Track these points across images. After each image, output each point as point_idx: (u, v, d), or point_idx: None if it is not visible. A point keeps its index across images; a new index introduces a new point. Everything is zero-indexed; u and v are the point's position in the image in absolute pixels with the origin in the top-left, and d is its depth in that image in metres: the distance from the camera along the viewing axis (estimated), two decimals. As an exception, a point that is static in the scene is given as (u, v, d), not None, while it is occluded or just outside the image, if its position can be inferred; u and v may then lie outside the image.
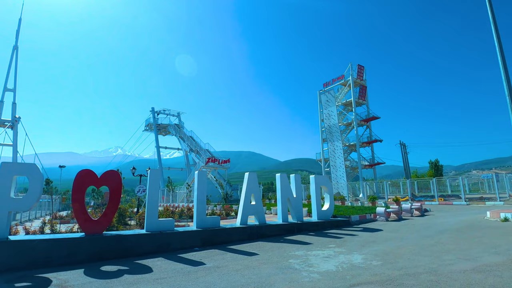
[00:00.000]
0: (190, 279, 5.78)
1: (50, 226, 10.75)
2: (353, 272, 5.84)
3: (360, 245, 8.80)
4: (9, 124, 29.61)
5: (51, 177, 32.23)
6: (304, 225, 11.75)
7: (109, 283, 5.53)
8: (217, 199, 28.33)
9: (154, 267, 6.74)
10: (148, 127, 48.80)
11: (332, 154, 42.09)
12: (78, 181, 7.89)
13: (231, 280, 5.57)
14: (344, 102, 43.53)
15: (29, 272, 6.42)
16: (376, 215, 15.07)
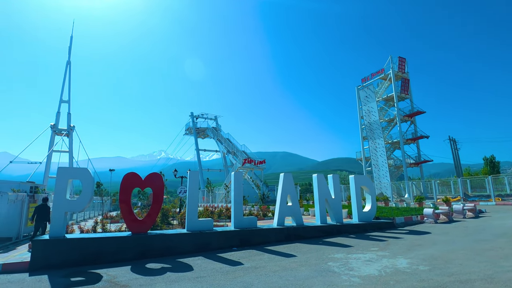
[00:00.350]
0: (228, 278, 5.88)
1: (101, 226, 11.66)
2: (397, 277, 5.50)
3: (405, 248, 8.28)
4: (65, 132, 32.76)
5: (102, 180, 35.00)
6: (344, 227, 11.35)
7: (153, 280, 5.84)
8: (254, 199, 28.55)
9: (194, 266, 6.97)
10: (188, 131, 50.83)
11: (374, 153, 40.15)
12: (125, 183, 8.45)
13: (268, 281, 5.55)
14: (385, 97, 41.36)
15: (82, 268, 7.01)
16: (424, 217, 14.06)
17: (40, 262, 6.97)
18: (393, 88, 38.92)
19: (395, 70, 39.23)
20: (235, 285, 5.38)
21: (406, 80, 39.73)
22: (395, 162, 41.31)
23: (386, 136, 41.15)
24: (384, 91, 41.53)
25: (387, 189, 36.56)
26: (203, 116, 50.58)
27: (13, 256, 8.06)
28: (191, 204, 9.23)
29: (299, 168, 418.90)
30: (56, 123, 32.57)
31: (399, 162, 40.48)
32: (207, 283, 5.60)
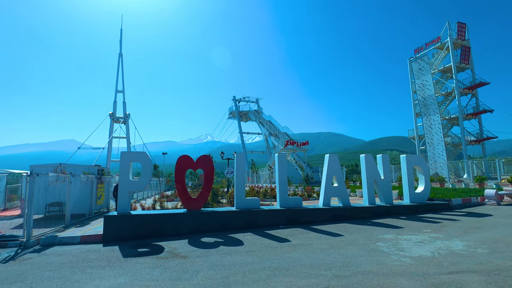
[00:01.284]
0: (276, 253, 6.19)
1: (159, 203, 12.83)
2: (452, 259, 5.31)
3: (462, 231, 7.83)
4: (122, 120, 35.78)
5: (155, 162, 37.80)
6: (394, 208, 11.00)
7: (208, 252, 6.39)
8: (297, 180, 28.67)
9: (244, 241, 7.43)
10: (231, 115, 52.00)
11: (428, 130, 37.27)
12: (179, 165, 9.14)
13: (316, 258, 5.74)
14: (441, 69, 37.62)
15: (146, 240, 7.88)
16: (484, 198, 12.96)
17: (111, 235, 7.99)
18: (451, 58, 35.15)
19: (453, 38, 35.27)
20: (283, 260, 5.66)
21: (467, 49, 35.55)
22: (453, 140, 37.97)
23: (442, 111, 37.78)
24: (440, 61, 37.74)
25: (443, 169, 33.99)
26: (245, 99, 51.13)
27: (89, 229, 9.32)
28: (238, 184, 9.69)
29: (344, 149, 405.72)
30: (113, 112, 35.67)
31: (457, 140, 37.12)
32: (257, 256, 5.97)
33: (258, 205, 9.76)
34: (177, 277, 4.87)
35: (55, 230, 9.15)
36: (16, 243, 7.70)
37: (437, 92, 37.71)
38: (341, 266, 5.20)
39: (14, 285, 4.69)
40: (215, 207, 12.91)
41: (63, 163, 13.06)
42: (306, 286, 4.24)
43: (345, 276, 4.63)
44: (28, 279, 4.98)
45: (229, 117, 52.94)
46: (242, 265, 5.39)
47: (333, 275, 4.70)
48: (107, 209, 14.96)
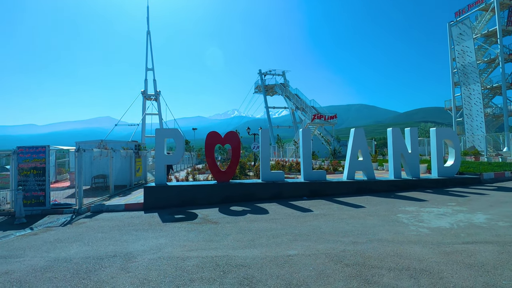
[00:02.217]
0: (299, 221, 6.70)
1: (192, 176, 13.79)
2: (470, 231, 5.48)
3: (488, 205, 7.81)
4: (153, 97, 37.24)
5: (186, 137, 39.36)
6: (421, 182, 10.99)
7: (236, 219, 7.05)
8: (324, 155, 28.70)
9: (269, 210, 8.02)
10: (257, 89, 51.78)
11: (467, 101, 34.95)
12: (208, 140, 9.76)
13: (335, 227, 6.17)
14: (485, 33, 34.36)
15: (181, 208, 8.73)
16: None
17: (150, 204, 8.93)
18: (497, 20, 31.88)
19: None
20: (304, 227, 6.16)
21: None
22: (494, 111, 35.41)
23: (484, 80, 35.02)
24: (484, 25, 34.42)
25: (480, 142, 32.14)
26: (271, 72, 50.42)
27: (131, 198, 10.42)
28: (263, 158, 10.18)
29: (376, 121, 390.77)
30: (145, 90, 37.14)
31: (499, 111, 34.58)
32: (280, 223, 6.52)
33: (283, 177, 10.24)
34: (209, 239, 5.55)
35: (102, 199, 10.34)
36: (70, 210, 8.91)
37: (478, 59, 34.80)
38: (358, 234, 5.58)
39: (75, 244, 5.63)
40: (242, 179, 13.63)
41: (104, 140, 14.28)
42: (324, 250, 4.71)
43: (361, 243, 5.03)
44: (85, 239, 5.92)
45: (255, 91, 52.85)
46: (267, 231, 5.96)
47: (349, 241, 5.11)
48: (145, 181, 16.30)
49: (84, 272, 4.18)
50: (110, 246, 5.38)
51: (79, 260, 4.66)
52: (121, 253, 4.94)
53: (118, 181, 13.61)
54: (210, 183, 9.66)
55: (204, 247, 5.07)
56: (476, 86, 33.55)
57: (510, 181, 12.00)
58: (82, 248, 5.31)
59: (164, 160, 9.56)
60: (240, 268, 4.06)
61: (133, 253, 4.90)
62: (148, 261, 4.48)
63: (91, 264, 4.48)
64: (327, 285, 3.46)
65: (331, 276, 3.70)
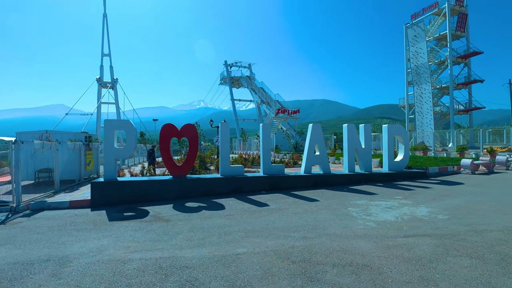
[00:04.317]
0: (254, 217, 6.63)
1: (148, 170, 13.16)
2: (412, 224, 5.79)
3: (431, 198, 8.38)
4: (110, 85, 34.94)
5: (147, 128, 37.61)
6: (372, 176, 11.53)
7: (190, 216, 6.80)
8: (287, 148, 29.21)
9: (226, 205, 7.87)
10: (223, 81, 51.04)
11: (419, 99, 37.49)
12: (163, 133, 9.29)
13: (288, 221, 6.19)
14: (437, 36, 36.93)
15: (133, 205, 8.25)
16: (460, 167, 13.60)
17: (98, 200, 8.32)
18: (448, 25, 34.43)
19: (451, 4, 34.23)
20: (258, 223, 6.10)
21: (464, 16, 34.70)
22: (442, 109, 38.46)
23: (434, 80, 37.76)
24: (436, 29, 36.96)
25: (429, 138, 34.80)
26: (237, 64, 49.90)
27: (77, 195, 9.65)
28: (223, 152, 9.97)
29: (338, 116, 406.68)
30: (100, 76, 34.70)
31: (446, 109, 37.63)
32: (235, 219, 6.40)
33: (242, 172, 10.14)
34: (157, 238, 5.26)
35: (45, 195, 9.45)
36: (6, 208, 8.00)
37: (430, 60, 37.36)
38: (309, 228, 5.65)
39: (3, 247, 5.02)
40: (203, 173, 13.32)
41: (49, 130, 13.07)
42: (273, 246, 4.67)
43: (310, 238, 5.07)
44: (17, 241, 5.31)
45: (220, 82, 52.05)
46: (220, 228, 5.81)
47: (299, 237, 5.14)
48: (97, 175, 15.27)
49: (8, 280, 3.71)
50: (45, 249, 4.88)
51: (5, 267, 4.15)
52: (56, 257, 4.49)
53: (66, 176, 12.58)
54: (166, 178, 9.25)
55: (149, 247, 4.79)
56: (427, 86, 36.06)
57: (452, 175, 13.06)
58: (12, 252, 4.75)
59: (113, 153, 8.94)
60: (184, 270, 3.86)
61: (69, 257, 4.48)
62: (85, 265, 4.11)
63: (19, 270, 4.01)
64: (270, 285, 3.40)
65: (276, 275, 3.65)
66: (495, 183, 10.75)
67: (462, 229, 5.38)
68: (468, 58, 35.33)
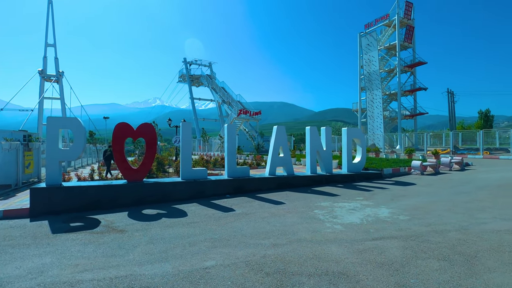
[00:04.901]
0: (219, 224, 6.25)
1: (98, 173, 11.97)
2: (378, 226, 5.89)
3: (389, 198, 8.73)
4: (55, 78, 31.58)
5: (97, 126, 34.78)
6: (333, 177, 11.80)
7: (149, 225, 6.18)
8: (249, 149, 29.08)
9: (188, 212, 7.35)
10: (182, 78, 49.33)
11: (370, 104, 39.97)
12: (117, 133, 8.44)
13: (256, 227, 5.92)
14: (387, 46, 39.73)
15: (81, 213, 7.34)
16: (411, 169, 14.59)
17: (39, 209, 7.27)
18: (397, 36, 37.19)
19: (400, 16, 37.05)
20: (224, 230, 5.74)
21: (411, 28, 37.80)
22: (391, 114, 41.44)
23: (384, 87, 40.52)
24: (387, 39, 39.75)
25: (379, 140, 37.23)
26: (197, 62, 48.65)
27: (14, 202, 8.37)
28: (184, 154, 9.39)
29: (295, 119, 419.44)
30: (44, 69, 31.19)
31: (394, 114, 40.61)
32: (200, 228, 5.96)
33: (205, 175, 9.65)
34: (111, 253, 4.63)
35: (-31, 204, 8.05)
36: None
37: (381, 68, 40.03)
38: (279, 234, 5.44)
39: None
40: (160, 176, 12.51)
41: (-23, 127, 11.24)
42: (244, 257, 4.35)
43: (281, 245, 4.86)
44: None
45: (179, 80, 50.29)
46: (183, 238, 5.33)
47: (270, 244, 4.89)
48: (38, 178, 13.58)
49: None
50: (-35, 272, 4.00)
51: None
52: (-19, 282, 3.69)
53: (1, 180, 10.98)
54: (119, 183, 8.41)
55: (102, 265, 4.17)
56: (378, 92, 38.58)
57: (404, 175, 13.93)
58: None
59: (58, 155, 7.88)
60: (144, 291, 3.37)
61: (2, 281, 3.71)
62: (20, 292, 3.41)
63: None
64: (246, 304, 3.08)
65: (250, 291, 3.34)
66: (442, 183, 11.65)
67: (423, 230, 5.58)
68: (414, 68, 38.55)
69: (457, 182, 11.67)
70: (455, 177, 13.23)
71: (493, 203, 7.81)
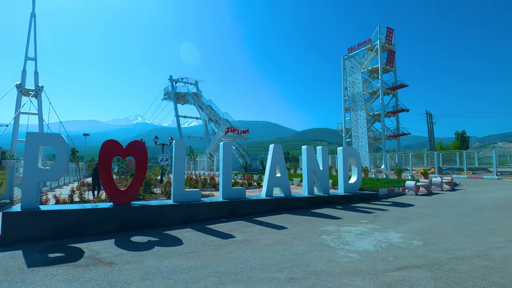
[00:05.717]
0: (222, 253, 5.61)
1: (79, 194, 10.98)
2: (395, 253, 5.46)
3: (394, 221, 8.38)
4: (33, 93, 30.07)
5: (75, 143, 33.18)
6: (331, 198, 11.41)
7: (141, 256, 5.44)
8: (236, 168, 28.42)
9: (183, 239, 6.65)
10: (167, 96, 48.64)
11: (355, 124, 40.68)
12: (104, 151, 7.73)
13: (264, 257, 5.33)
14: (370, 69, 41.15)
15: (60, 241, 6.47)
16: (405, 189, 14.47)
17: (12, 236, 6.35)
18: (379, 60, 38.65)
19: (382, 41, 38.70)
20: (230, 262, 5.11)
21: (392, 52, 39.48)
22: (374, 134, 42.29)
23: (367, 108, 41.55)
24: (369, 62, 41.22)
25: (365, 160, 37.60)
26: (183, 80, 48.33)
27: (-20, 228, 7.32)
28: (177, 175, 8.72)
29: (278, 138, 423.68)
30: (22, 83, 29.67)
31: (378, 134, 41.47)
32: (200, 258, 5.29)
33: (199, 197, 8.98)
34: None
35: None
36: None
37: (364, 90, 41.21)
38: (291, 266, 4.88)
39: None
40: (147, 198, 11.66)
41: None
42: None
43: (298, 279, 4.31)
44: None
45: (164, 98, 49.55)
46: (183, 272, 4.66)
47: (286, 278, 4.33)
48: (10, 200, 12.35)
49: None
50: None
51: None
52: None
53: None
54: (104, 207, 7.59)
55: (90, 310, 3.45)
56: (362, 113, 39.44)
57: (399, 196, 13.75)
58: None
59: (37, 175, 7.03)
60: None
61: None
62: None
63: None
64: None
65: None
66: (439, 204, 11.49)
67: (444, 257, 5.20)
68: (396, 90, 39.93)
69: (454, 203, 11.55)
70: (449, 197, 13.17)
71: (500, 226, 7.61)
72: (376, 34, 39.16)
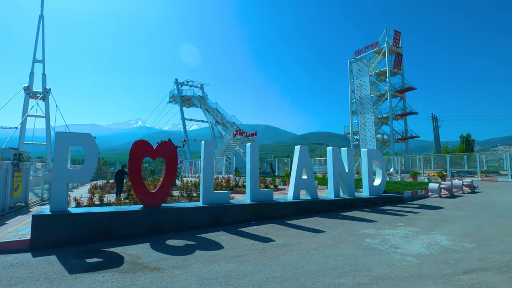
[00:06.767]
0: (269, 257, 5.32)
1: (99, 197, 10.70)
2: (452, 256, 5.17)
3: (432, 224, 8.07)
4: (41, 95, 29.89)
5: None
6: (357, 201, 11.11)
7: (186, 261, 5.15)
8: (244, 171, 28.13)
9: (221, 242, 6.37)
10: (173, 99, 48.49)
11: (363, 127, 40.36)
12: (134, 152, 7.47)
13: (317, 261, 5.04)
14: (377, 72, 40.93)
15: (92, 245, 6.18)
16: (428, 191, 14.16)
17: (42, 240, 6.07)
18: (386, 63, 38.45)
19: (389, 44, 38.56)
20: (282, 266, 4.82)
21: (399, 55, 39.32)
22: (382, 137, 41.98)
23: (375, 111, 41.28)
24: (376, 65, 41.04)
25: (373, 163, 37.26)
26: (188, 83, 48.21)
27: (7, 232, 7.04)
28: (206, 177, 8.46)
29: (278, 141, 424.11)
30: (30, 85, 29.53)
31: (386, 138, 41.15)
32: (249, 263, 5.01)
33: (228, 199, 8.70)
34: (160, 301, 3.62)
35: (-49, 235, 6.67)
36: None
37: (372, 93, 40.98)
38: (351, 270, 4.59)
39: None
40: (169, 201, 11.37)
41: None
42: (336, 303, 3.48)
43: (366, 284, 4.02)
44: None
45: (169, 101, 49.41)
46: (239, 277, 4.37)
47: (353, 284, 4.04)
48: (25, 203, 12.05)
49: None
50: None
51: None
52: None
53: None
54: (135, 209, 7.31)
55: (158, 319, 3.17)
56: (370, 116, 39.16)
57: (423, 199, 13.44)
58: None
59: (66, 176, 6.78)
60: None
61: None
62: None
63: None
64: None
65: None
66: (468, 206, 11.17)
67: (506, 259, 4.92)
68: (404, 93, 39.69)
69: (483, 205, 11.23)
70: (474, 200, 12.85)
71: (546, 228, 7.32)
72: (384, 37, 39.03)
